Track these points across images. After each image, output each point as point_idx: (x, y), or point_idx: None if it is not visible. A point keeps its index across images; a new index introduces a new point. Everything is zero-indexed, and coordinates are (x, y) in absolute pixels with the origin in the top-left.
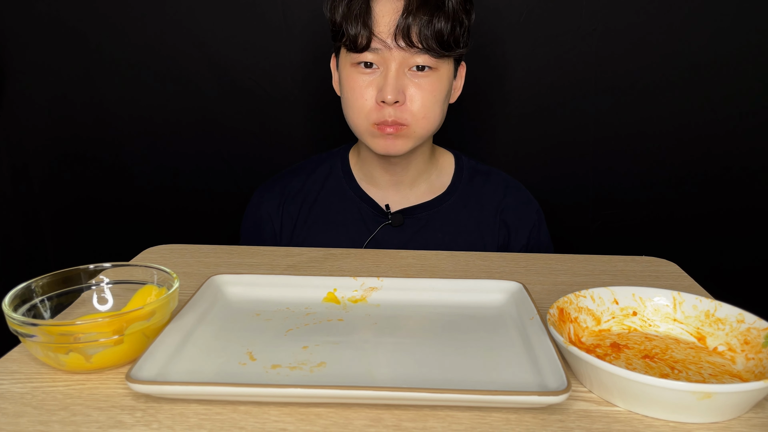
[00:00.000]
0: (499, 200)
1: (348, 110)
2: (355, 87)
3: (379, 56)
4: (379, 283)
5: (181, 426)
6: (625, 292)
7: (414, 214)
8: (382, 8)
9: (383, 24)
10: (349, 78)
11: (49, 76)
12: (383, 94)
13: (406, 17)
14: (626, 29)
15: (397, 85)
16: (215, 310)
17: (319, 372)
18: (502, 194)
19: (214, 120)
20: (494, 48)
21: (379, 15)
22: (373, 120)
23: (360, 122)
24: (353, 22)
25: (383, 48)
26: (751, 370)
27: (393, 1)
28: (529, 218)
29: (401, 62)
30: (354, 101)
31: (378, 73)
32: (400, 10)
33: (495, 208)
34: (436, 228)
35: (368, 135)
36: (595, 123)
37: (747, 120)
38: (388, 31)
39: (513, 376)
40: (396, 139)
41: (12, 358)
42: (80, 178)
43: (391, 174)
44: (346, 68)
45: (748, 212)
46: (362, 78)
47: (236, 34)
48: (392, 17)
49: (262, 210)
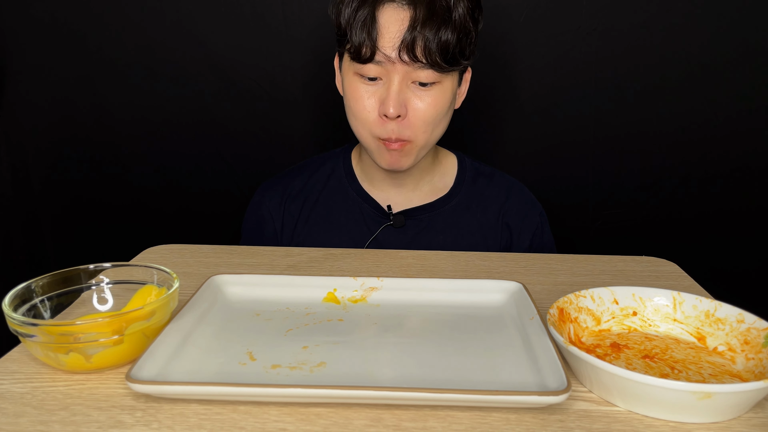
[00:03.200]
0: (502, 203)
1: (351, 118)
2: (358, 97)
3: (382, 69)
4: (379, 283)
5: (181, 426)
6: (625, 292)
7: (416, 215)
8: (388, 18)
9: (387, 37)
10: (352, 86)
11: (49, 77)
12: (385, 108)
13: (411, 30)
14: (626, 29)
15: (399, 99)
16: (215, 310)
17: (319, 372)
18: (505, 196)
19: (215, 120)
20: (494, 48)
21: (384, 26)
22: (377, 134)
23: (364, 134)
24: (358, 32)
25: (386, 61)
26: (751, 370)
27: (399, 10)
28: (532, 221)
29: (404, 76)
30: (358, 112)
31: (380, 84)
32: (406, 20)
33: (498, 211)
34: (438, 230)
35: (372, 148)
36: (595, 123)
37: (747, 120)
38: (392, 46)
39: (513, 376)
40: (401, 157)
41: (12, 358)
42: (80, 179)
43: (393, 177)
44: (349, 75)
45: (749, 212)
46: (365, 88)
47: (236, 35)
48: (397, 29)
49: (264, 209)
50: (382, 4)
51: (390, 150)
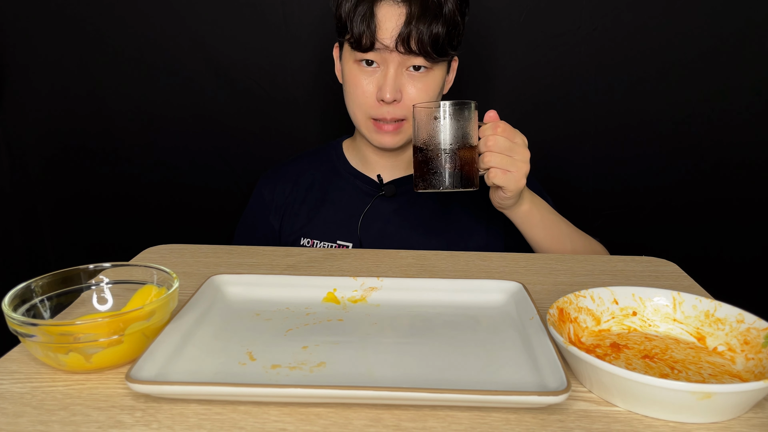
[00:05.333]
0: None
1: (349, 102)
2: (357, 83)
3: (380, 55)
4: (379, 283)
5: (180, 426)
6: (624, 292)
7: (407, 184)
8: (385, 13)
9: (385, 30)
10: (352, 73)
11: (48, 72)
12: (382, 93)
13: (407, 26)
14: (626, 29)
15: (395, 84)
16: (215, 310)
17: (319, 372)
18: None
19: (214, 118)
20: (494, 48)
21: (382, 21)
22: (372, 115)
23: (360, 115)
24: (358, 25)
25: (384, 49)
26: (750, 370)
27: (395, 6)
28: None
29: (400, 63)
30: (356, 96)
31: (378, 71)
32: (402, 15)
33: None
34: (428, 194)
35: (366, 128)
36: (594, 123)
37: (747, 120)
38: (390, 37)
39: (512, 376)
40: (394, 136)
41: (12, 358)
42: (79, 174)
43: (386, 158)
44: (349, 63)
45: (749, 213)
46: (363, 74)
47: (236, 34)
48: (394, 23)
49: (264, 192)
50: (379, 0)
51: (382, 131)
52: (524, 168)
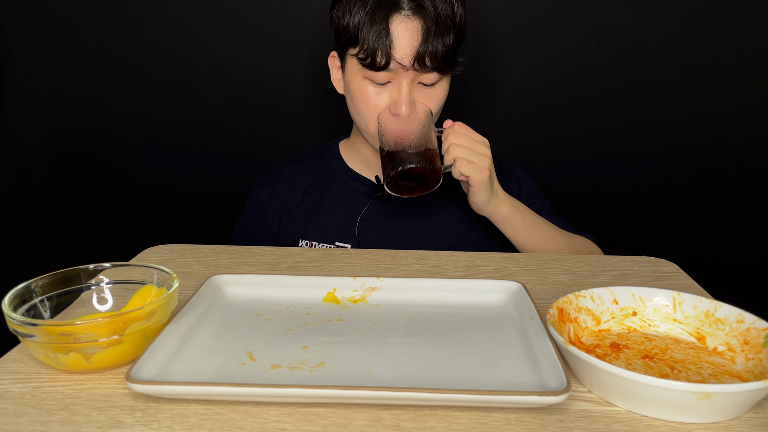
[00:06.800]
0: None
1: (359, 118)
2: (367, 99)
3: (392, 74)
4: (379, 283)
5: (180, 426)
6: (624, 292)
7: None
8: (402, 31)
9: (400, 47)
10: (361, 90)
11: (49, 75)
12: (397, 107)
13: (425, 44)
14: (626, 29)
15: (409, 100)
16: (215, 310)
17: (319, 372)
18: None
19: (214, 121)
20: (495, 48)
21: (396, 38)
22: None
23: (373, 129)
24: (371, 41)
25: (398, 68)
26: (750, 370)
27: (409, 21)
28: (510, 174)
29: (413, 78)
30: (367, 113)
31: (390, 86)
32: (418, 32)
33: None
34: (427, 194)
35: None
36: (594, 124)
37: (747, 120)
38: (406, 56)
39: (513, 376)
40: None
41: (12, 358)
42: (79, 175)
43: None
44: (357, 78)
45: (749, 213)
46: (374, 91)
47: (237, 37)
48: (409, 42)
49: (260, 196)
50: (391, 14)
51: None
52: (486, 161)
